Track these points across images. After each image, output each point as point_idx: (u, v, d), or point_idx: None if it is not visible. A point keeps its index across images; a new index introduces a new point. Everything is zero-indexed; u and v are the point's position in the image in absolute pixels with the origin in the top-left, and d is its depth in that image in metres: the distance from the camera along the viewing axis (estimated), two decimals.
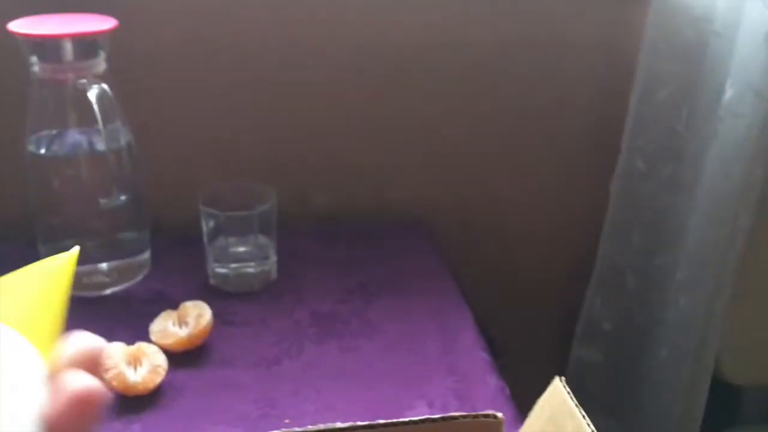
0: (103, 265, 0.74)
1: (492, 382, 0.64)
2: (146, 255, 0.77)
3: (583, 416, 0.34)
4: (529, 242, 0.97)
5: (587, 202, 0.95)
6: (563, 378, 0.36)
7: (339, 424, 0.33)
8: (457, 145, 0.91)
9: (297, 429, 0.30)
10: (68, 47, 0.67)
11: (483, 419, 0.35)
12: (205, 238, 0.76)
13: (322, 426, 0.33)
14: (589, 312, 0.93)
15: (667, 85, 0.80)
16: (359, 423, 0.34)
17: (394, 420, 0.34)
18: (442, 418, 0.34)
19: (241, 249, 0.77)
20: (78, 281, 0.73)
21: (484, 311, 0.76)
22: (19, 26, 0.67)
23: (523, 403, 0.46)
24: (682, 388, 0.85)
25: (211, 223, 0.75)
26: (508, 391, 0.64)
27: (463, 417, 0.35)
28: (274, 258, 0.78)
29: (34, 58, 0.68)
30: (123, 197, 0.73)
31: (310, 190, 0.89)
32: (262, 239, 0.77)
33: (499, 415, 0.35)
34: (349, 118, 0.88)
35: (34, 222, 0.74)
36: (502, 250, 0.97)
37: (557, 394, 0.36)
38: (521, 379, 0.63)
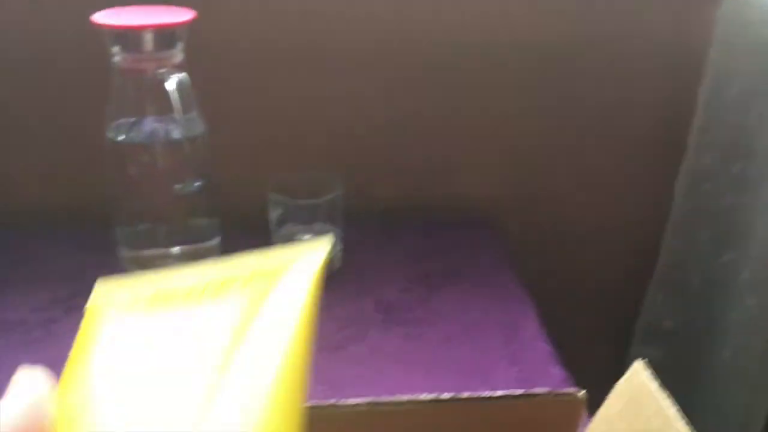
0: (175, 249, 0.77)
1: (556, 372, 0.65)
2: (216, 241, 0.80)
3: (666, 397, 0.34)
4: (591, 239, 0.97)
5: (651, 201, 0.94)
6: (645, 360, 0.37)
7: (424, 396, 0.34)
8: (524, 143, 0.91)
9: (384, 398, 0.32)
10: (149, 38, 0.70)
11: (564, 397, 0.36)
12: (271, 226, 0.78)
13: (408, 397, 0.34)
14: (650, 310, 0.92)
15: (738, 81, 0.79)
16: (444, 395, 0.35)
17: (478, 394, 0.35)
18: (524, 395, 0.35)
19: (307, 237, 0.79)
20: (150, 263, 0.76)
21: (543, 306, 0.76)
22: (102, 18, 0.70)
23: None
24: (746, 390, 0.84)
25: (278, 211, 0.77)
26: (572, 382, 0.64)
27: (545, 394, 0.36)
28: (339, 246, 0.79)
29: (116, 49, 0.71)
30: (196, 184, 0.75)
31: (377, 182, 0.91)
32: (328, 228, 0.78)
33: (581, 393, 0.36)
34: (418, 113, 0.89)
35: (112, 206, 0.77)
36: (564, 246, 0.97)
37: (638, 375, 0.37)
38: (580, 378, 0.63)
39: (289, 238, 0.78)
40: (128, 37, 0.70)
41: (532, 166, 0.93)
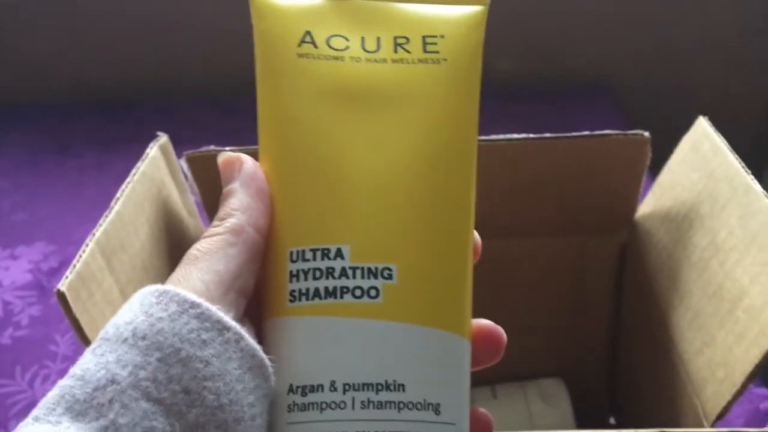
0: None
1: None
2: None
3: (723, 142, 0.40)
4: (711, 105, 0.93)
5: None
6: (706, 116, 0.41)
7: (513, 136, 0.40)
8: (640, 9, 0.88)
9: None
10: None
11: (633, 137, 0.42)
12: None
13: (495, 136, 0.40)
14: None
15: None
16: (530, 135, 0.41)
17: (556, 134, 0.41)
18: (598, 135, 0.42)
19: None
20: None
21: None
22: None
23: None
24: None
25: None
26: None
27: (616, 134, 0.42)
28: None
29: None
30: None
31: (495, 56, 0.78)
32: None
33: (646, 134, 0.42)
34: None
35: None
36: (684, 111, 0.87)
37: (701, 126, 0.42)
38: None
39: None
40: None
41: (648, 32, 0.84)
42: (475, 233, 0.25)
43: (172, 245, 0.42)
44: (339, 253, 0.22)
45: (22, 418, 0.58)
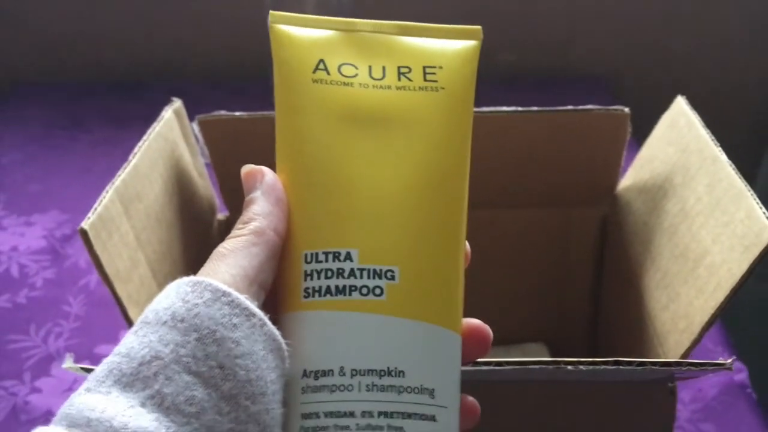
0: None
1: None
2: None
3: (700, 123, 0.43)
4: (707, 101, 0.93)
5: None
6: (684, 97, 0.44)
7: (502, 108, 0.42)
8: (639, 3, 0.90)
9: None
10: None
11: (613, 112, 0.45)
12: None
13: (486, 108, 0.42)
14: None
15: None
16: (517, 108, 0.44)
17: (542, 108, 0.44)
18: (582, 110, 0.45)
19: None
20: None
21: None
22: None
23: None
24: None
25: None
26: None
27: (597, 109, 0.45)
28: None
29: None
30: None
31: (498, 47, 0.88)
32: None
33: (626, 109, 0.45)
34: None
35: None
36: None
37: (678, 105, 0.45)
38: None
39: None
40: None
41: (649, 28, 0.84)
42: (466, 243, 0.28)
43: (183, 202, 0.45)
44: (348, 256, 0.26)
45: (35, 371, 0.61)
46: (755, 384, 0.57)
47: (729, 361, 0.31)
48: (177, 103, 0.46)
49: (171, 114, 0.45)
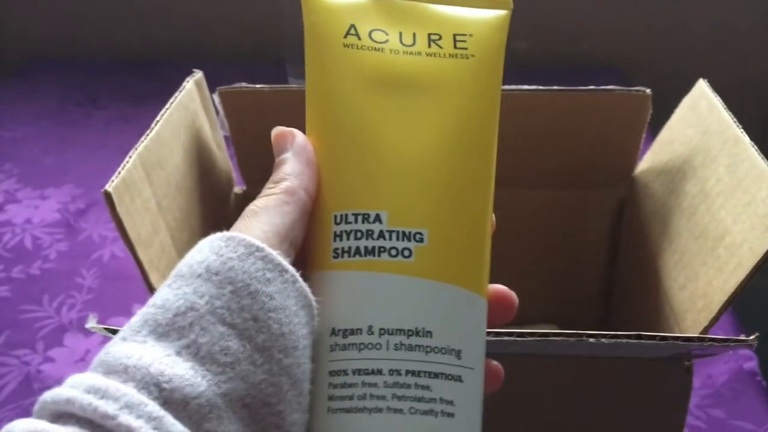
0: None
1: None
2: None
3: (722, 106, 0.43)
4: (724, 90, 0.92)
5: None
6: (706, 80, 0.44)
7: (524, 87, 0.42)
8: None
9: None
10: None
11: (635, 92, 0.45)
12: None
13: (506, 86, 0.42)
14: None
15: None
16: (539, 87, 0.44)
17: (562, 87, 0.44)
18: (604, 89, 0.45)
19: None
20: None
21: None
22: None
23: None
24: None
25: None
26: None
27: (619, 89, 0.45)
28: None
29: None
30: None
31: (511, 35, 0.80)
32: None
33: (648, 90, 0.45)
34: None
35: None
36: None
37: (698, 89, 0.45)
38: None
39: None
40: None
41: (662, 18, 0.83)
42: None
43: (202, 173, 0.46)
44: (378, 218, 0.26)
45: (48, 341, 0.62)
46: (765, 372, 0.58)
47: (752, 337, 0.31)
48: (198, 74, 0.46)
49: (192, 85, 0.45)
